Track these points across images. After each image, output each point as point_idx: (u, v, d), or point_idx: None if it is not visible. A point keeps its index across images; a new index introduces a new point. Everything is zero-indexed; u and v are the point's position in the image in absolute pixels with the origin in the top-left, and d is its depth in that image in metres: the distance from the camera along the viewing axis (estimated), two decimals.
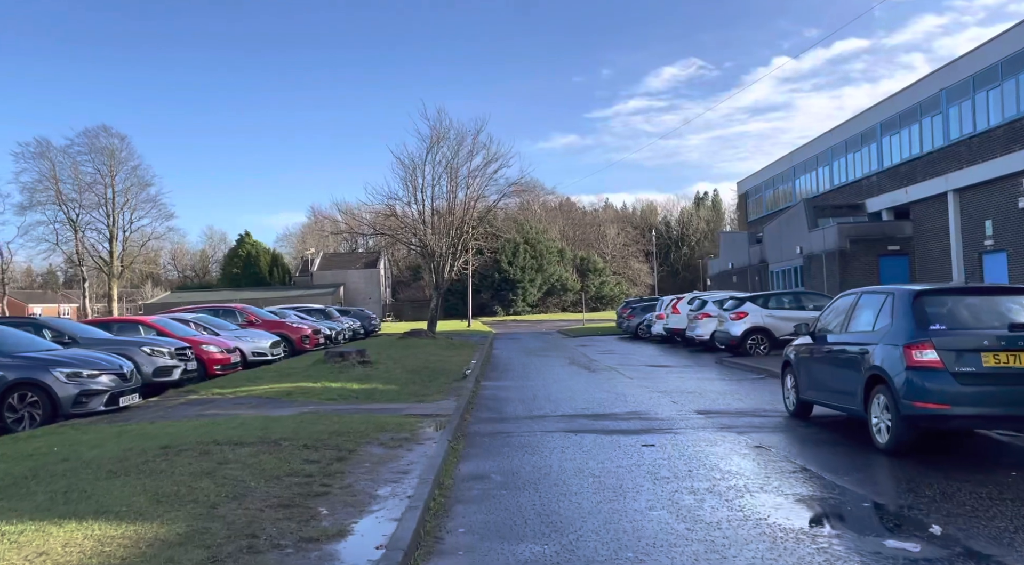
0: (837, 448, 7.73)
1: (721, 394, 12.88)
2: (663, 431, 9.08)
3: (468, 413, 10.96)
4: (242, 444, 7.32)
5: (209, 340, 17.31)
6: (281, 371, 15.88)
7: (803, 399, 9.45)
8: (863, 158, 36.15)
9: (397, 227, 33.57)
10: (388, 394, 12.29)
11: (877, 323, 7.72)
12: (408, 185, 32.50)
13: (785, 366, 10.06)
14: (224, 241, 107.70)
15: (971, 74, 26.93)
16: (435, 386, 13.63)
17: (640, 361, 20.71)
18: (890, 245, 32.10)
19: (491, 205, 33.32)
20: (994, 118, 25.86)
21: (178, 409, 11.26)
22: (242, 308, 22.94)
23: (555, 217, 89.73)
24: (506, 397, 13.11)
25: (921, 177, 30.70)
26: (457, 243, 32.94)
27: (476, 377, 16.12)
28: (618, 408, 11.27)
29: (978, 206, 27.31)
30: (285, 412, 10.41)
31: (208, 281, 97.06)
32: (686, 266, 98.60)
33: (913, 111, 31.28)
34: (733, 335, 20.16)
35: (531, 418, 10.55)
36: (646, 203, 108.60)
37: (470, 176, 32.93)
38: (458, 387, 13.66)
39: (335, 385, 13.09)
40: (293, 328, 22.53)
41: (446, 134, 32.51)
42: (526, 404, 12.05)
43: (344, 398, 11.86)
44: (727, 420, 9.76)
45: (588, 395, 12.99)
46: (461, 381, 14.77)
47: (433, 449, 7.58)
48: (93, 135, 60.95)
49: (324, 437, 7.88)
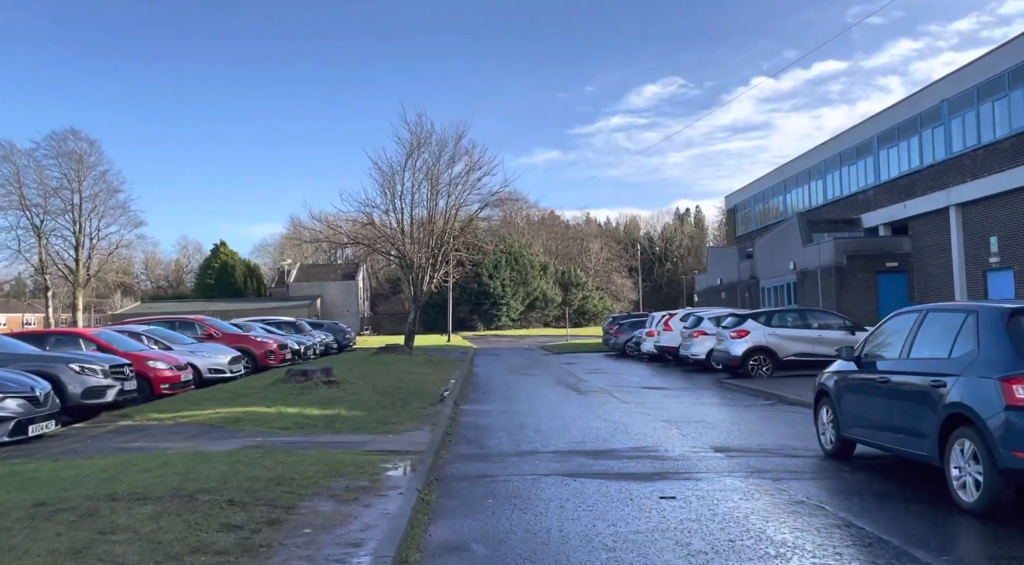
0: (909, 507, 6.17)
1: (734, 424, 11.32)
2: (681, 476, 7.49)
3: (445, 448, 9.30)
4: (146, 499, 5.62)
5: (157, 355, 15.50)
6: (235, 392, 14.11)
7: (845, 437, 7.91)
8: (859, 171, 35.09)
9: (375, 236, 31.86)
10: (352, 422, 10.60)
11: (955, 348, 6.20)
12: (386, 192, 30.87)
13: (820, 396, 8.53)
14: (199, 251, 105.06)
15: (975, 84, 25.91)
16: (408, 411, 11.95)
17: (633, 382, 19.15)
18: (888, 262, 30.94)
19: (473, 214, 31.74)
20: (1000, 130, 24.79)
21: (99, 440, 9.49)
22: (201, 320, 21.11)
23: (538, 230, 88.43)
24: (489, 425, 11.46)
25: (921, 191, 29.61)
26: (437, 254, 31.30)
27: (455, 400, 14.46)
28: (620, 442, 9.66)
29: (982, 221, 26.20)
30: (225, 446, 8.69)
31: (182, 291, 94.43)
32: (669, 282, 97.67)
33: (912, 123, 30.24)
34: (733, 355, 18.68)
35: (519, 454, 8.91)
36: (629, 218, 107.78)
37: (451, 184, 31.36)
38: (434, 413, 12.00)
39: (291, 410, 11.37)
40: (257, 342, 20.74)
41: (427, 139, 30.96)
42: (512, 435, 10.41)
43: (300, 427, 10.15)
44: (754, 462, 8.19)
45: (582, 424, 11.38)
46: (437, 405, 13.11)
47: (397, 504, 5.93)
48: (60, 139, 58.69)
49: (259, 487, 6.19)
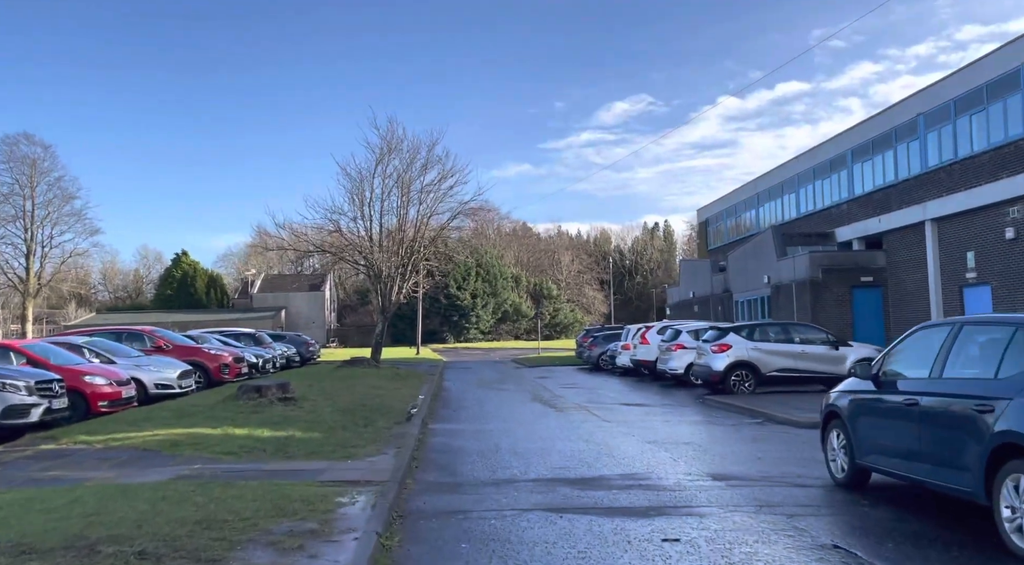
0: (952, 553, 5.29)
1: (726, 447, 10.45)
2: (681, 510, 6.56)
3: (411, 476, 8.25)
4: (32, 553, 4.50)
5: (96, 369, 14.18)
6: (181, 410, 12.87)
7: (861, 465, 7.06)
8: (832, 185, 34.87)
9: (342, 245, 30.65)
10: (307, 445, 9.49)
11: (1004, 367, 5.38)
12: (354, 199, 29.70)
13: (830, 419, 7.68)
14: (160, 261, 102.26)
15: (952, 98, 25.71)
16: (371, 432, 10.86)
17: (611, 398, 18.26)
18: (863, 276, 30.61)
19: (445, 223, 30.74)
20: (978, 144, 24.57)
21: (10, 468, 8.26)
22: (150, 331, 19.72)
23: (510, 242, 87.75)
24: (461, 448, 10.43)
25: (896, 205, 29.36)
26: (407, 263, 30.20)
27: (423, 418, 13.40)
28: (607, 468, 8.71)
29: (959, 236, 25.94)
30: (154, 476, 7.54)
31: (141, 302, 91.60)
32: (639, 295, 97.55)
33: (888, 137, 30.04)
34: (715, 370, 17.90)
35: (495, 483, 7.91)
36: (600, 231, 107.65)
37: (423, 191, 30.34)
38: (400, 434, 10.93)
39: (240, 432, 10.21)
40: (210, 355, 19.41)
41: (398, 145, 29.92)
42: (487, 459, 9.40)
43: (247, 451, 9.01)
44: (759, 492, 7.29)
45: (563, 446, 10.41)
46: (404, 424, 12.03)
47: (351, 555, 4.89)
48: (12, 143, 56.30)
49: (182, 533, 5.10)
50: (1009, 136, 23.07)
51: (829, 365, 17.73)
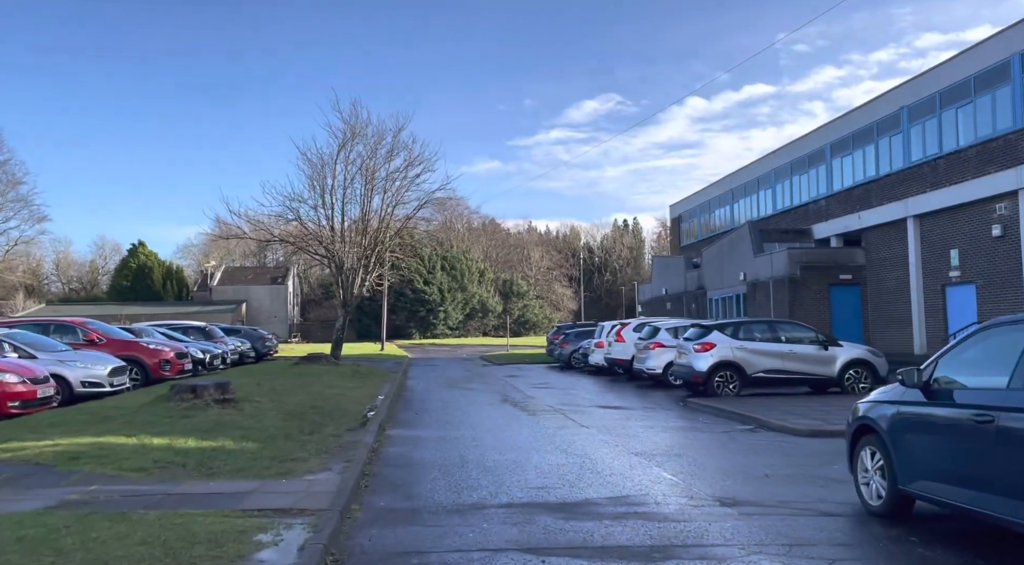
0: None
1: (724, 460, 9.19)
2: (693, 552, 5.23)
3: (358, 500, 6.82)
4: None
5: (7, 365, 12.44)
6: (101, 412, 11.23)
7: (904, 491, 5.83)
8: (810, 181, 34.07)
9: (301, 234, 28.89)
10: (238, 458, 7.99)
11: None
12: (315, 185, 27.97)
13: (861, 434, 6.43)
14: (117, 252, 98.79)
15: (938, 90, 24.92)
16: (317, 441, 9.38)
17: (586, 400, 16.97)
18: (842, 274, 29.83)
19: (411, 213, 29.16)
20: (965, 137, 23.79)
21: None
22: (82, 323, 17.87)
23: (479, 237, 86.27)
24: (421, 461, 9.01)
25: (877, 201, 28.58)
26: (370, 255, 28.58)
27: (381, 422, 11.94)
28: (593, 489, 7.37)
29: (942, 234, 25.19)
30: (31, 502, 6.00)
31: (96, 294, 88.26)
32: (608, 292, 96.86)
33: (868, 131, 29.25)
34: (697, 370, 16.71)
35: (460, 511, 6.51)
36: (569, 227, 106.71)
37: (388, 179, 28.72)
38: (352, 443, 9.47)
39: (158, 442, 8.66)
40: (149, 350, 17.66)
41: (362, 130, 28.25)
42: (451, 476, 8.01)
43: (162, 467, 7.49)
44: (781, 524, 6.00)
45: (540, 459, 9.05)
46: (358, 431, 10.57)
47: None
48: None
49: None
50: (997, 130, 22.31)
51: (818, 366, 16.67)
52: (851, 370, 16.66)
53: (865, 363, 16.76)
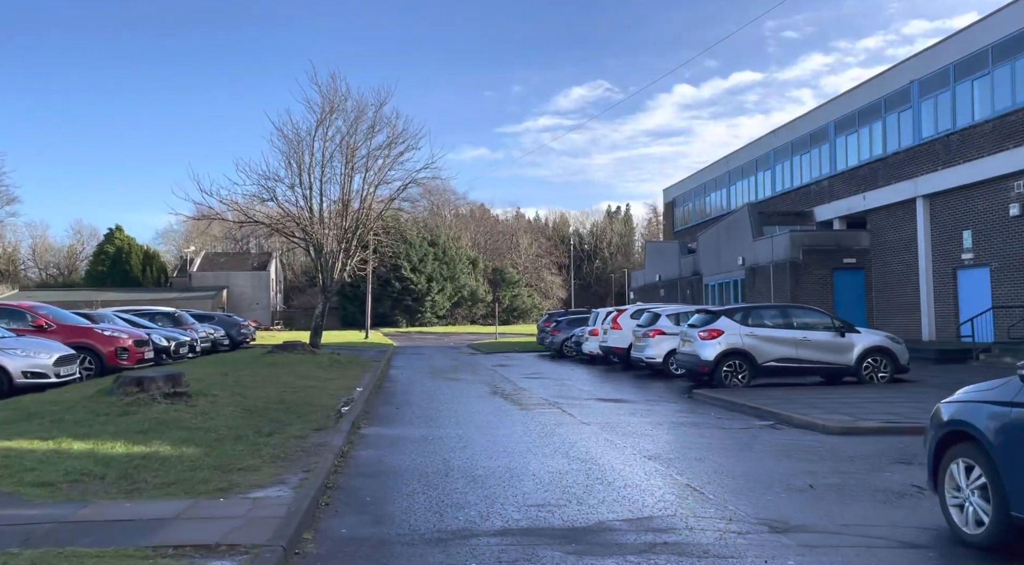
0: None
1: (752, 464, 7.84)
2: None
3: (312, 527, 5.39)
4: None
5: None
6: (26, 409, 9.71)
7: (1019, 519, 4.48)
8: (812, 161, 32.77)
9: (278, 215, 27.27)
10: (172, 468, 6.54)
11: None
12: (291, 163, 26.35)
13: (950, 442, 5.08)
14: (95, 237, 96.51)
15: (951, 62, 23.59)
16: (274, 445, 7.94)
17: (583, 392, 15.62)
18: (846, 258, 28.62)
19: (395, 193, 27.60)
20: (981, 112, 22.50)
21: None
22: (30, 307, 16.26)
23: (467, 224, 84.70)
24: (398, 469, 7.60)
25: (884, 181, 27.31)
26: (351, 237, 27.05)
27: (355, 419, 10.52)
28: (607, 506, 5.98)
29: (954, 214, 23.95)
30: None
31: (74, 280, 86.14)
32: (598, 279, 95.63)
33: (875, 107, 27.92)
34: (703, 359, 15.38)
35: (441, 541, 5.10)
36: (559, 215, 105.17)
37: (370, 156, 27.15)
38: (316, 445, 8.04)
39: (80, 447, 7.19)
40: (104, 337, 16.11)
41: (342, 104, 26.63)
42: (432, 490, 6.60)
43: (73, 481, 6.04)
44: (857, 560, 4.65)
45: (539, 465, 7.66)
46: (327, 430, 9.14)
47: None
48: None
49: None
50: (1017, 102, 20.98)
51: (834, 354, 15.39)
52: (869, 358, 15.40)
53: (885, 351, 15.49)
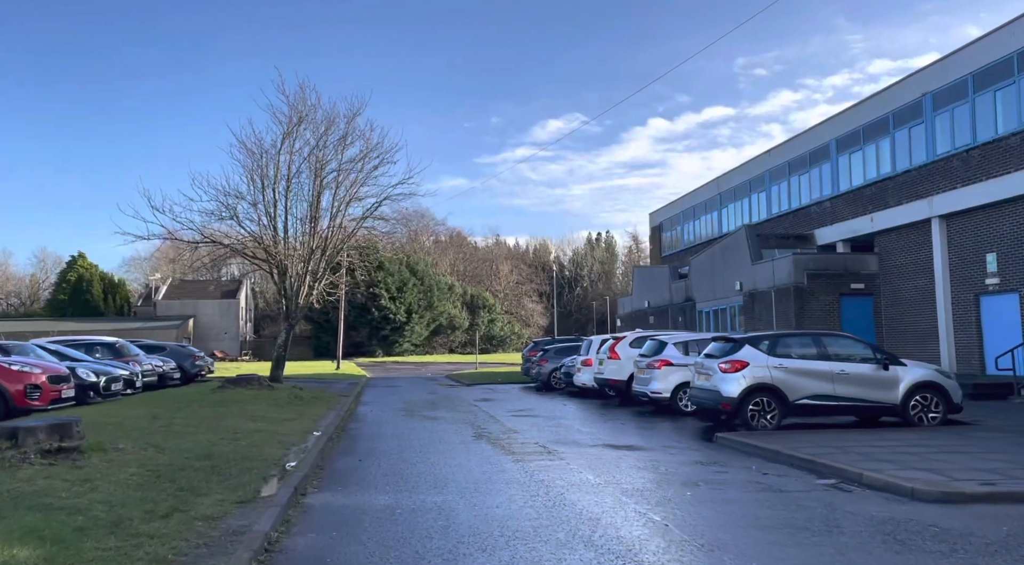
0: None
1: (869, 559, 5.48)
2: None
3: None
4: None
5: None
6: None
7: None
8: (812, 181, 30.96)
9: (238, 235, 24.71)
10: None
11: None
12: (254, 178, 23.93)
13: None
14: (59, 265, 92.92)
15: (970, 72, 21.91)
16: (163, 537, 5.42)
17: (583, 434, 13.20)
18: (853, 282, 26.65)
19: (369, 211, 25.20)
20: (1006, 124, 20.72)
21: None
22: None
23: (446, 249, 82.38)
24: None
25: (894, 201, 25.48)
26: (320, 258, 24.59)
27: (301, 481, 8.00)
28: None
29: (976, 236, 22.07)
30: None
31: (35, 310, 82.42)
32: (579, 307, 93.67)
33: (882, 123, 26.20)
34: (725, 396, 13.05)
35: None
36: (539, 242, 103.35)
37: (341, 171, 24.81)
38: (232, 533, 5.53)
39: None
40: (12, 373, 13.40)
41: (311, 114, 24.34)
42: None
43: None
44: None
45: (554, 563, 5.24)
46: (254, 502, 6.62)
47: None
48: None
49: None
50: None
51: (877, 391, 13.14)
52: (918, 396, 13.17)
53: (936, 387, 13.28)
